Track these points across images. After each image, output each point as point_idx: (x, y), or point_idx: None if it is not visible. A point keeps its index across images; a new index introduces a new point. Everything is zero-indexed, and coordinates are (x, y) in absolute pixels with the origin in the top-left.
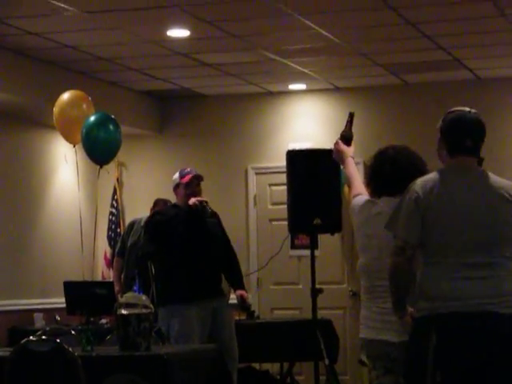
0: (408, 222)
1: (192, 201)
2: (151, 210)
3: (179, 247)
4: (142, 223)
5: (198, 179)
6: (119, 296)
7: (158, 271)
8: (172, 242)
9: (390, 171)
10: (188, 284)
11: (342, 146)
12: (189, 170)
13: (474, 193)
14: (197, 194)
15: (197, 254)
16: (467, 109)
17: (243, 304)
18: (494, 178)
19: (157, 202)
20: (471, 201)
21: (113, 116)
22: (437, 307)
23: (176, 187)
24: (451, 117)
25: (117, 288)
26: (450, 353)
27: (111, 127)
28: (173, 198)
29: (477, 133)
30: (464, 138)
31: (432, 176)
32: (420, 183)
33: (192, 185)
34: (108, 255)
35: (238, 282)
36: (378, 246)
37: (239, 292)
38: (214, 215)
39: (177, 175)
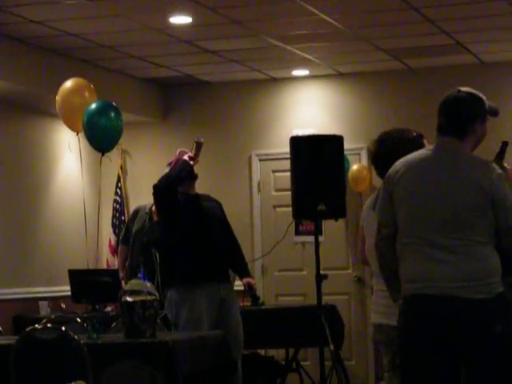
0: (381, 202)
1: (184, 157)
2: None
3: (182, 226)
4: (147, 210)
5: (182, 155)
6: (124, 283)
7: (162, 254)
8: (175, 217)
9: (398, 156)
10: (193, 266)
11: None
12: (173, 158)
13: (443, 174)
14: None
15: (200, 234)
16: (462, 88)
17: (251, 291)
18: (471, 159)
19: None
20: (439, 182)
21: (114, 103)
22: (405, 289)
23: None
24: None
25: (121, 275)
26: (411, 335)
27: (112, 114)
28: None
29: (450, 111)
30: (439, 117)
31: (408, 156)
32: (395, 164)
33: None
34: (113, 243)
35: (243, 269)
36: None
37: (246, 279)
38: (217, 202)
39: (165, 168)
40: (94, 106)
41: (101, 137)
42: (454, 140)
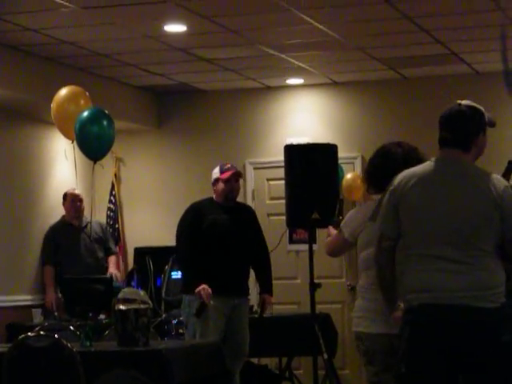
0: (384, 213)
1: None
2: (63, 204)
3: (209, 240)
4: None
5: (237, 176)
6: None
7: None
8: (203, 232)
9: (402, 168)
10: (213, 279)
11: (331, 230)
12: (229, 165)
13: (450, 185)
14: (235, 190)
15: (227, 250)
16: (462, 102)
17: (262, 309)
18: (477, 170)
19: (65, 195)
20: (446, 194)
21: (106, 111)
22: (410, 299)
23: (215, 182)
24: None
25: (53, 295)
26: (422, 344)
27: (105, 122)
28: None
29: (454, 124)
30: (442, 130)
31: (413, 169)
32: (399, 176)
33: (231, 181)
34: None
35: (266, 286)
36: None
37: (265, 296)
38: (251, 211)
39: (217, 170)
40: (86, 113)
41: (93, 144)
42: (459, 152)
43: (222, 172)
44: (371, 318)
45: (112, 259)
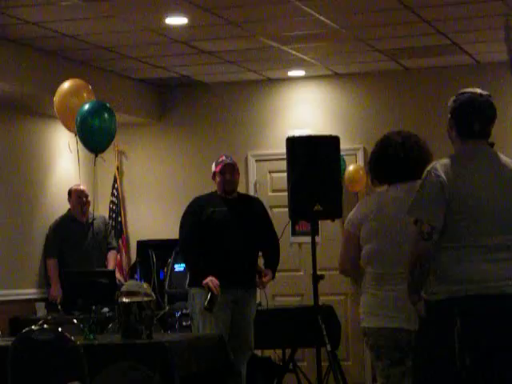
0: (434, 206)
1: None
2: (68, 200)
3: (211, 232)
4: (67, 213)
5: (229, 168)
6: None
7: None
8: (203, 225)
9: (404, 158)
10: (215, 271)
11: None
12: (223, 158)
13: (491, 176)
14: (230, 182)
15: (228, 242)
16: (478, 91)
17: (259, 281)
18: (506, 159)
19: (70, 192)
20: (489, 185)
21: (108, 104)
22: (457, 290)
23: (213, 176)
24: (462, 99)
25: (59, 290)
26: (475, 335)
27: (106, 115)
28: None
29: (486, 116)
30: (473, 121)
31: (450, 161)
32: (441, 168)
33: (225, 174)
34: None
35: (271, 265)
36: (398, 229)
37: (267, 271)
38: (257, 202)
39: (214, 164)
40: (87, 106)
41: (94, 138)
42: (485, 142)
43: (216, 165)
44: (373, 313)
45: (111, 255)
